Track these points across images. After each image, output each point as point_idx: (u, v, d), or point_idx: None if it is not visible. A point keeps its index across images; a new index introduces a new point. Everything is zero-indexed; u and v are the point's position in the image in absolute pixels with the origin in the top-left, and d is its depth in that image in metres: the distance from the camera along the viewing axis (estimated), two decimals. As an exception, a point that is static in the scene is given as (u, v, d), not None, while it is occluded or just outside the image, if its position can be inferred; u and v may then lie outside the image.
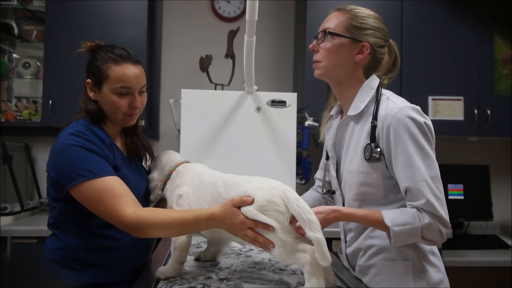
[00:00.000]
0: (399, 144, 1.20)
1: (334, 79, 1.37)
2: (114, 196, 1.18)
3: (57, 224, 1.31)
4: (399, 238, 1.19)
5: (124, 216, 1.16)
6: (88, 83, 1.33)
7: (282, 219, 1.09)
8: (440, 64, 2.77)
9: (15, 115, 2.80)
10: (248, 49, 1.68)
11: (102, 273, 1.28)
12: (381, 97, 1.30)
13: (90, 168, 1.20)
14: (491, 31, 2.80)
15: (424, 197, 1.17)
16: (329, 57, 1.33)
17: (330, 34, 1.32)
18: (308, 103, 2.65)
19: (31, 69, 2.90)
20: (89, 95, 1.33)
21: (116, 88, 1.28)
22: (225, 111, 2.03)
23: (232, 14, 3.10)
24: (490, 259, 2.41)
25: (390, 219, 1.19)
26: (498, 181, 3.03)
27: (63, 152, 1.23)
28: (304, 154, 2.64)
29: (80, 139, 1.23)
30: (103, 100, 1.31)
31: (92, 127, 1.29)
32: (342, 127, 1.39)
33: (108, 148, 1.29)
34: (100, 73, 1.29)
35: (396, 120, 1.21)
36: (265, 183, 1.15)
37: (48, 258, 1.30)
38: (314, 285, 1.03)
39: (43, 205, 2.67)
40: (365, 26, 1.32)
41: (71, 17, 2.65)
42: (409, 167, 1.19)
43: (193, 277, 1.23)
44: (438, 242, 1.22)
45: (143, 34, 2.70)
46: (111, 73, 1.28)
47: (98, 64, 1.30)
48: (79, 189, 1.20)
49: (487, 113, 2.75)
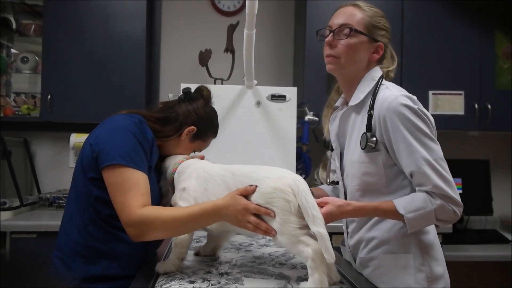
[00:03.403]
0: (397, 131, 1.21)
1: (346, 75, 1.37)
2: (137, 192, 1.20)
3: (77, 208, 1.31)
4: (415, 224, 1.20)
5: (133, 213, 1.17)
6: (193, 129, 1.42)
7: (288, 207, 1.08)
8: (441, 59, 2.76)
9: (13, 110, 2.79)
10: (248, 43, 1.67)
11: (113, 265, 1.29)
12: (380, 87, 1.31)
13: (134, 158, 1.23)
14: (492, 26, 2.79)
15: (431, 181, 1.18)
16: (350, 54, 1.31)
17: (356, 31, 1.30)
18: (308, 97, 2.64)
19: (29, 64, 2.88)
20: (182, 134, 1.41)
21: (195, 146, 1.47)
22: (225, 105, 2.03)
23: (231, 8, 3.09)
24: (490, 254, 2.41)
25: (402, 206, 1.20)
26: (499, 176, 3.03)
27: (119, 132, 1.26)
28: (304, 148, 2.64)
29: (137, 130, 1.28)
30: (183, 147, 1.43)
31: (144, 124, 1.34)
32: (344, 118, 1.40)
33: (150, 147, 1.32)
34: (204, 136, 1.47)
35: (391, 108, 1.22)
36: (274, 172, 1.16)
37: (63, 244, 1.30)
38: (317, 281, 1.03)
39: (42, 200, 2.66)
40: (381, 26, 1.34)
41: (69, 11, 2.63)
42: (410, 153, 1.20)
43: (193, 271, 1.23)
44: (452, 221, 1.24)
45: (142, 28, 2.68)
46: (208, 140, 1.50)
47: (210, 127, 1.48)
48: (113, 171, 1.22)
49: (487, 108, 2.74)
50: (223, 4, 3.08)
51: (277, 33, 3.15)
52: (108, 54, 2.64)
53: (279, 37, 3.16)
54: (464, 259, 2.35)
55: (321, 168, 2.81)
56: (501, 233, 2.74)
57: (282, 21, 3.16)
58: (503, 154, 3.15)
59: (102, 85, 2.62)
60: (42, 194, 2.69)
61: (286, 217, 1.08)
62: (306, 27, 2.72)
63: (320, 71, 2.72)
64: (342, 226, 1.48)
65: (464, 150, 3.09)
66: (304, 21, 2.75)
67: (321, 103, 2.70)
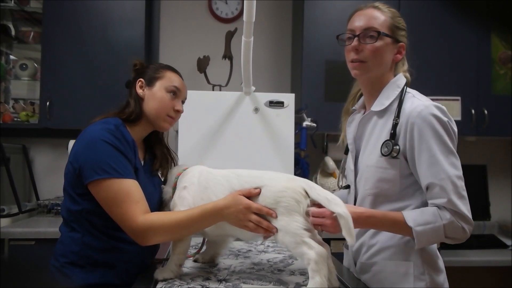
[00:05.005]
0: (423, 141, 1.21)
1: (372, 79, 1.35)
2: (131, 201, 1.20)
3: (72, 221, 1.31)
4: (423, 238, 1.18)
5: (135, 222, 1.19)
6: (140, 81, 1.40)
7: (297, 208, 1.10)
8: (438, 64, 2.78)
9: (12, 116, 2.80)
10: (245, 50, 1.68)
11: (110, 273, 1.29)
12: (406, 95, 1.31)
13: (117, 167, 1.22)
14: (489, 31, 2.81)
15: (447, 195, 1.18)
16: (377, 58, 1.30)
17: (384, 35, 1.30)
18: (306, 103, 2.65)
19: (28, 71, 2.89)
20: (138, 91, 1.40)
21: (169, 86, 1.40)
22: (223, 112, 2.03)
23: (229, 15, 3.11)
24: (488, 259, 2.41)
25: (411, 219, 1.19)
26: (496, 181, 3.04)
27: (94, 145, 1.24)
28: (302, 154, 2.64)
29: (113, 137, 1.26)
30: (152, 97, 1.38)
31: (121, 127, 1.32)
32: (364, 121, 1.39)
33: (132, 150, 1.31)
34: (156, 73, 1.41)
35: (421, 117, 1.21)
36: (285, 174, 1.19)
37: (59, 254, 1.30)
38: (318, 284, 1.04)
39: (40, 207, 2.66)
40: (401, 26, 1.35)
41: (68, 18, 2.64)
42: (433, 165, 1.19)
43: (191, 278, 1.23)
44: (461, 240, 1.23)
45: (140, 35, 2.70)
46: (166, 74, 1.43)
47: (154, 67, 1.44)
48: (100, 185, 1.21)
49: (484, 113, 2.76)
50: (221, 11, 3.10)
51: (275, 40, 3.17)
52: (107, 61, 2.65)
53: (277, 43, 3.17)
54: (462, 264, 2.35)
55: (319, 174, 2.81)
56: (499, 238, 2.74)
57: (280, 28, 3.18)
58: (500, 159, 3.17)
59: (101, 92, 2.62)
60: (40, 201, 2.69)
61: (293, 216, 1.10)
62: (303, 34, 2.73)
63: (317, 78, 2.74)
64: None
65: (461, 155, 3.04)
66: (301, 28, 2.77)
67: (318, 109, 2.73)
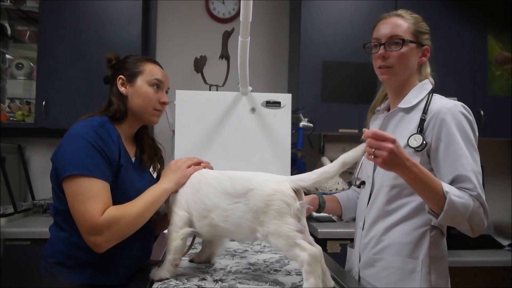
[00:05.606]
0: (452, 135, 1.26)
1: (399, 82, 1.43)
2: (95, 200, 1.18)
3: (60, 220, 1.30)
4: (450, 211, 1.18)
5: (96, 218, 1.17)
6: (121, 78, 1.39)
7: (287, 210, 1.09)
8: (434, 65, 2.77)
9: (8, 116, 2.79)
10: (242, 50, 1.68)
11: (99, 274, 1.28)
12: (433, 96, 1.40)
13: (89, 166, 1.20)
14: (485, 32, 2.82)
15: (475, 188, 1.23)
16: (403, 63, 1.39)
17: (410, 42, 1.37)
18: (303, 104, 2.65)
19: (24, 70, 2.88)
20: (120, 89, 1.39)
21: (151, 80, 1.38)
22: (220, 112, 2.03)
23: (226, 15, 3.11)
24: (485, 259, 2.41)
25: (448, 188, 1.21)
26: (492, 182, 3.04)
27: (72, 142, 1.24)
28: (298, 154, 2.65)
29: (94, 134, 1.25)
30: (136, 93, 1.38)
31: (107, 124, 1.31)
32: (389, 117, 1.45)
33: (116, 147, 1.30)
34: (135, 68, 1.39)
35: (451, 113, 1.29)
36: (275, 176, 1.18)
37: (47, 254, 1.30)
38: (312, 285, 1.03)
39: (36, 207, 2.65)
40: (424, 30, 1.43)
41: (64, 18, 2.64)
42: (459, 157, 1.24)
43: (187, 278, 1.23)
44: (479, 230, 1.25)
45: (137, 35, 2.69)
46: (146, 68, 1.40)
47: (132, 61, 1.41)
48: (70, 182, 1.20)
49: (480, 114, 2.76)
50: (218, 11, 3.10)
51: (272, 40, 3.17)
52: (103, 61, 2.62)
53: (274, 44, 3.17)
54: (458, 264, 2.36)
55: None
56: (495, 239, 2.75)
57: (277, 28, 3.18)
58: (497, 160, 3.18)
59: (97, 92, 2.60)
60: (36, 201, 2.67)
61: (285, 219, 1.09)
62: (300, 34, 2.74)
63: (314, 78, 2.74)
64: (342, 232, 1.49)
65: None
66: (298, 28, 2.77)
67: (315, 109, 2.73)
